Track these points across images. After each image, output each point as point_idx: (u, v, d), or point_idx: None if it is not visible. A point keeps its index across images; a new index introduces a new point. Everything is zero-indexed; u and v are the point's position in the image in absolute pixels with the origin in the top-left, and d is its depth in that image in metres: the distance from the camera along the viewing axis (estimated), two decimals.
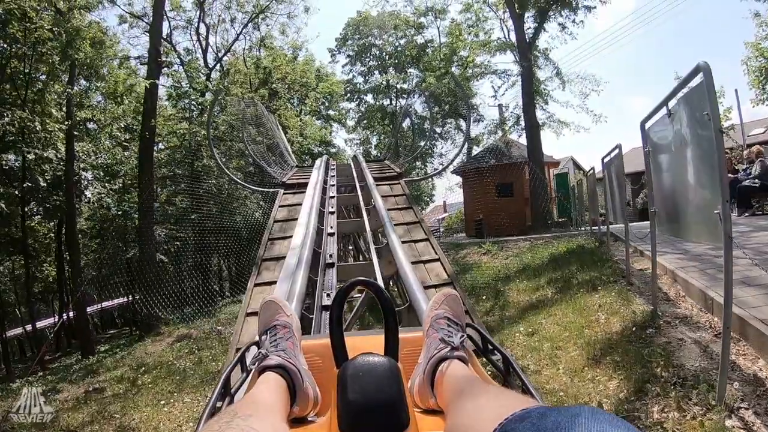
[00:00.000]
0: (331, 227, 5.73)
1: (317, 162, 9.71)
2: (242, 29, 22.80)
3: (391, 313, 1.09)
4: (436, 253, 5.77)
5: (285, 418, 0.96)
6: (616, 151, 6.68)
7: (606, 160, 7.67)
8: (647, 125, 4.68)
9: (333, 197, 6.99)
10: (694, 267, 6.56)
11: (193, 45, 22.77)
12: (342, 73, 32.74)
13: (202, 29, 22.42)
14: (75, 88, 14.02)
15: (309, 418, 1.11)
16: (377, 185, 7.79)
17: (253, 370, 1.16)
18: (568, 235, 11.99)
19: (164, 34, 21.81)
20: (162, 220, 17.76)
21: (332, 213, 6.67)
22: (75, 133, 15.05)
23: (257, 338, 1.27)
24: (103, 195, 16.74)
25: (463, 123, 25.37)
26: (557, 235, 12.60)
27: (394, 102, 30.55)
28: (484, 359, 1.38)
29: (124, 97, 15.20)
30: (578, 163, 25.18)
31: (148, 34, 20.63)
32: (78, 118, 14.00)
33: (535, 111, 15.87)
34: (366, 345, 1.08)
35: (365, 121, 32.31)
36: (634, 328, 4.91)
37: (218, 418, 0.77)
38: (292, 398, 1.05)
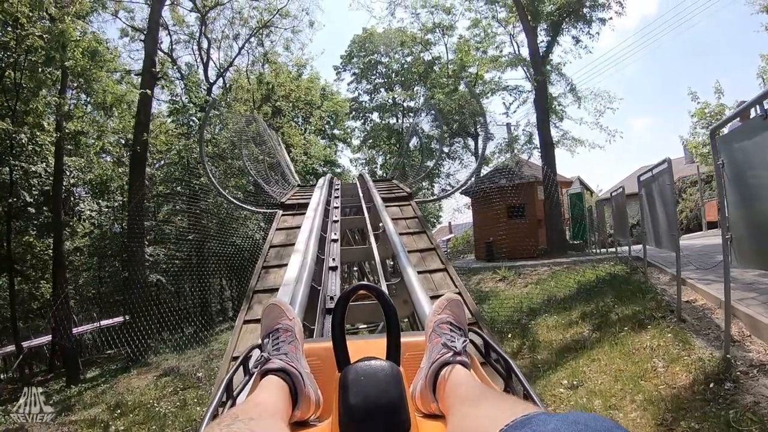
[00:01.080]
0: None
1: (320, 181, 8.85)
2: (244, 43, 22.26)
3: (394, 318, 1.09)
4: (456, 286, 4.84)
5: (286, 422, 0.96)
6: (663, 166, 5.80)
7: (644, 177, 6.83)
8: (721, 133, 3.85)
9: (336, 221, 6.07)
10: (753, 299, 5.66)
11: (195, 60, 22.45)
12: (347, 91, 32.24)
13: (204, 43, 21.92)
14: (66, 98, 13.28)
15: (311, 422, 1.09)
16: (386, 206, 6.91)
17: (255, 374, 1.17)
18: (589, 260, 11.01)
19: (166, 48, 21.57)
20: (160, 239, 16.97)
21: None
22: (69, 147, 14.38)
23: (260, 341, 1.25)
24: (94, 212, 15.89)
25: (471, 142, 24.70)
26: (577, 260, 11.62)
27: (400, 120, 29.92)
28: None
29: (115, 109, 14.41)
30: (585, 183, 24.35)
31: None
32: (67, 131, 13.25)
33: (549, 128, 15.04)
34: (368, 349, 1.08)
35: (371, 141, 31.62)
36: (710, 384, 3.97)
37: (219, 421, 0.78)
38: (294, 402, 1.04)
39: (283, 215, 7.63)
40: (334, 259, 4.10)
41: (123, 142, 17.52)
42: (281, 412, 0.95)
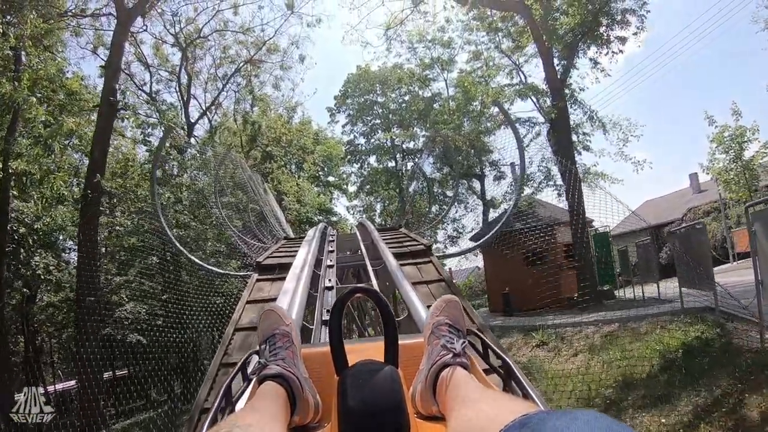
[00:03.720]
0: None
1: (309, 233, 6.82)
2: (228, 79, 20.52)
3: (391, 320, 1.08)
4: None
5: (285, 427, 0.96)
6: None
7: (758, 208, 4.92)
8: None
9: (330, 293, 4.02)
10: None
11: (179, 99, 20.59)
12: (342, 133, 30.54)
13: (184, 79, 20.24)
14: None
15: (310, 427, 1.09)
16: (401, 265, 4.83)
17: (253, 380, 1.16)
18: (648, 314, 8.80)
19: (148, 89, 20.21)
20: (138, 296, 14.91)
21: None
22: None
23: (258, 347, 1.24)
24: (52, 266, 13.67)
25: (477, 184, 22.88)
26: (628, 314, 9.39)
27: (399, 163, 28.23)
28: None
29: (55, 144, 12.45)
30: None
31: (128, 84, 18.90)
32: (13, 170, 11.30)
33: (575, 160, 13.19)
34: (366, 352, 1.08)
35: (368, 186, 29.85)
36: None
37: (218, 428, 0.78)
38: (293, 407, 1.03)
39: (258, 280, 5.53)
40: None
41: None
42: (280, 418, 0.94)
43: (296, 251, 5.77)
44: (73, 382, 17.10)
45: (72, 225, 14.07)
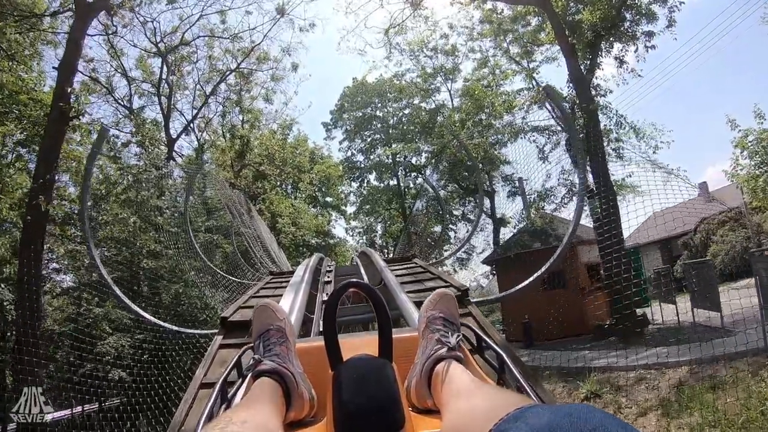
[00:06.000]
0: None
1: (298, 270, 4.98)
2: (217, 84, 19.09)
3: (385, 315, 1.07)
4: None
5: (280, 423, 0.95)
6: None
7: None
8: None
9: None
10: None
11: (163, 112, 19.18)
12: (339, 150, 29.34)
13: (165, 91, 18.93)
14: None
15: (306, 421, 1.08)
16: None
17: (248, 376, 1.15)
18: (722, 356, 7.07)
19: (131, 104, 19.04)
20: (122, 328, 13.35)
21: None
22: None
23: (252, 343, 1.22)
24: (6, 301, 12.01)
25: (485, 200, 21.27)
26: (702, 355, 7.57)
27: (402, 180, 26.71)
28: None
29: None
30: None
31: (107, 99, 17.68)
32: None
33: (608, 170, 11.62)
34: (361, 347, 1.07)
35: (368, 206, 28.31)
36: None
37: (214, 424, 0.79)
38: (288, 402, 1.03)
39: (221, 346, 3.74)
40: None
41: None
42: (275, 414, 0.93)
43: (279, 296, 4.05)
44: (65, 412, 15.99)
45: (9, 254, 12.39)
